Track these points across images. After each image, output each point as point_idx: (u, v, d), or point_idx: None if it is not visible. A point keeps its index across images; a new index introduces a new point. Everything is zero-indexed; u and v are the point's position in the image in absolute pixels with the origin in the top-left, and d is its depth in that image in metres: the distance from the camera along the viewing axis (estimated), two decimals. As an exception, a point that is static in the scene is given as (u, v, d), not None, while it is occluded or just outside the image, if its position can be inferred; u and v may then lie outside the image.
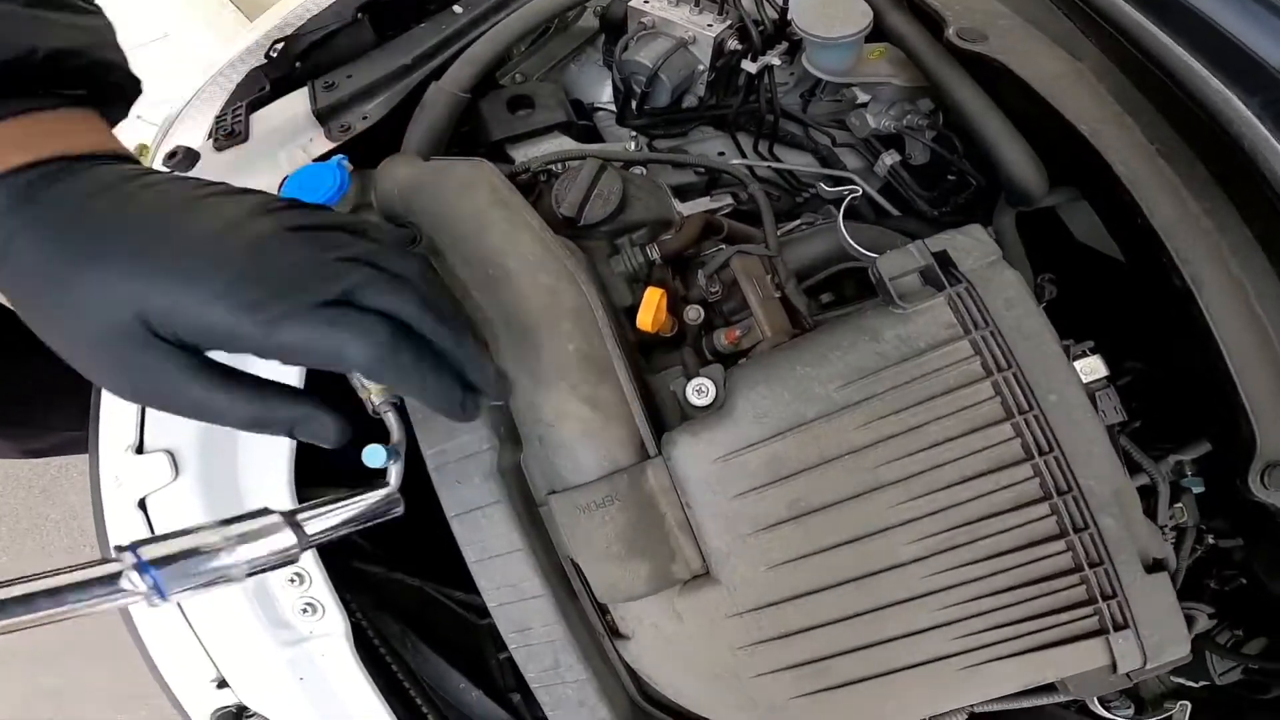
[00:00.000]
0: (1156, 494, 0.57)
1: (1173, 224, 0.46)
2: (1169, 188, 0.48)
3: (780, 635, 0.49)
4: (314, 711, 0.65)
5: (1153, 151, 0.50)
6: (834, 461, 0.45)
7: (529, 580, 0.52)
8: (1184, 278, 0.46)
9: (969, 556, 0.46)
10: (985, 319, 0.43)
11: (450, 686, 0.77)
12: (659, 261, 0.62)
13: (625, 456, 0.49)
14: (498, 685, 0.79)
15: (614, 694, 0.56)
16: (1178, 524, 0.62)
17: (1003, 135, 0.58)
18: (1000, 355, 0.43)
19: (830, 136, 0.84)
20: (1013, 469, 0.44)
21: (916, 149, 0.81)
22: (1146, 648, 0.48)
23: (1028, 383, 0.42)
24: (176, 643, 0.66)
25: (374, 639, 0.72)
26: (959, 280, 0.45)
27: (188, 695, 0.69)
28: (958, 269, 0.45)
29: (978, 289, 0.44)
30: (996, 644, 0.49)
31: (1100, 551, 0.45)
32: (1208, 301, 0.45)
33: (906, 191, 0.81)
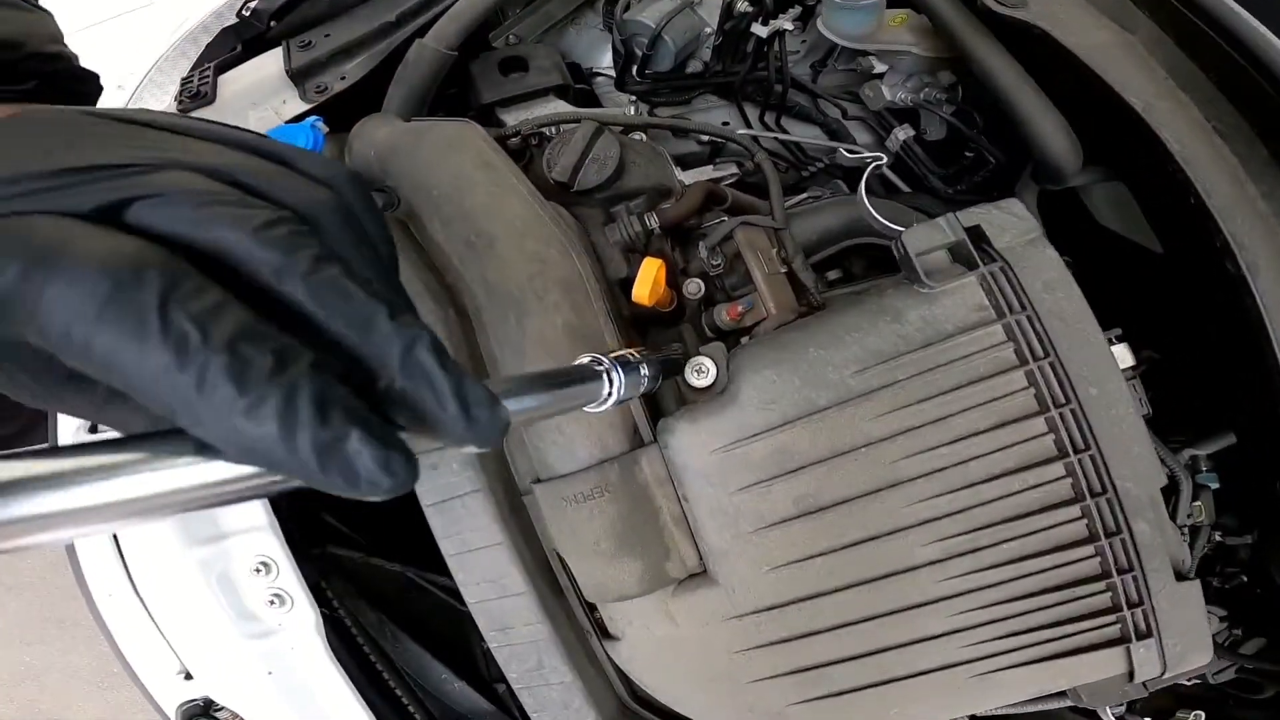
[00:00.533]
0: (1178, 492, 0.53)
1: (1230, 206, 0.41)
2: (1227, 168, 0.43)
3: (781, 640, 0.45)
4: (285, 706, 0.61)
5: (1209, 129, 0.44)
6: (847, 455, 0.41)
7: (510, 576, 0.47)
8: (1239, 264, 0.41)
9: (989, 560, 0.42)
10: (1021, 302, 0.38)
11: (432, 677, 0.73)
12: (657, 231, 0.57)
13: (617, 443, 0.44)
14: (482, 674, 0.75)
15: (601, 696, 0.51)
16: (1194, 523, 0.58)
17: (1038, 108, 0.52)
18: (1036, 342, 0.38)
19: (841, 109, 0.78)
20: (1044, 467, 0.39)
21: (932, 124, 0.75)
22: (1168, 656, 0.44)
23: (1066, 373, 0.38)
24: (141, 634, 0.61)
25: (351, 629, 0.67)
26: (993, 258, 0.40)
27: (156, 686, 0.64)
28: (992, 246, 0.40)
29: (1014, 269, 0.39)
30: (1010, 651, 0.45)
31: (1131, 558, 0.40)
32: (1263, 290, 0.41)
33: (919, 168, 0.76)
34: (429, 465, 0.47)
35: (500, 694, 0.75)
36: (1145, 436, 0.38)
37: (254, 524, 0.54)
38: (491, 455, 0.47)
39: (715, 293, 0.58)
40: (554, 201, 0.56)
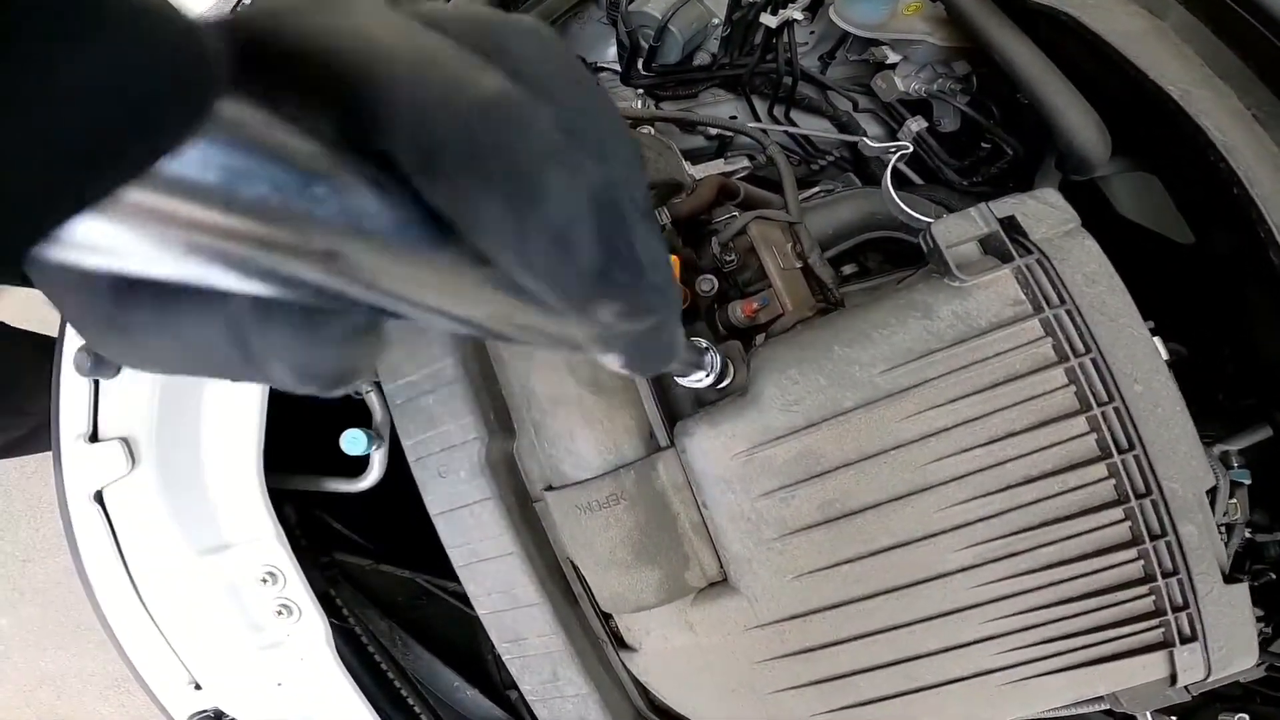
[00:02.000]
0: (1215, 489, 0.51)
1: (1275, 196, 0.38)
2: (1270, 157, 0.40)
3: (805, 649, 0.43)
4: (295, 718, 0.59)
5: (1250, 117, 0.42)
6: (876, 458, 0.38)
7: (523, 586, 0.44)
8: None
9: (1025, 566, 0.39)
10: (1061, 295, 0.36)
11: (443, 685, 0.71)
12: (669, 226, 0.54)
13: (633, 449, 0.42)
14: (494, 681, 0.72)
15: (618, 708, 0.49)
16: (1229, 520, 0.55)
17: (1064, 96, 0.49)
18: (1077, 338, 0.36)
19: (852, 100, 0.76)
20: (1085, 469, 0.36)
21: (946, 115, 0.73)
22: (1213, 660, 0.41)
23: (1109, 370, 0.35)
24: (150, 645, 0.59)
25: (361, 637, 0.65)
26: (1029, 250, 0.37)
27: (167, 696, 0.62)
28: (1027, 238, 0.37)
29: (1052, 261, 0.36)
30: (1046, 659, 0.42)
31: (1177, 560, 0.38)
32: (1314, 278, 0.38)
33: (934, 160, 0.73)
34: (436, 474, 0.45)
35: (513, 701, 0.73)
36: (1193, 435, 0.36)
37: (260, 533, 0.52)
38: (502, 463, 0.45)
39: (729, 289, 0.55)
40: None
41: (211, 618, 0.56)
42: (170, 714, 0.64)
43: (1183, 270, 0.59)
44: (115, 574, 0.57)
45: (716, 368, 0.34)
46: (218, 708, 0.62)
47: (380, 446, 0.58)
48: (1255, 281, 0.42)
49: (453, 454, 0.44)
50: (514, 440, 0.46)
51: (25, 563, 1.49)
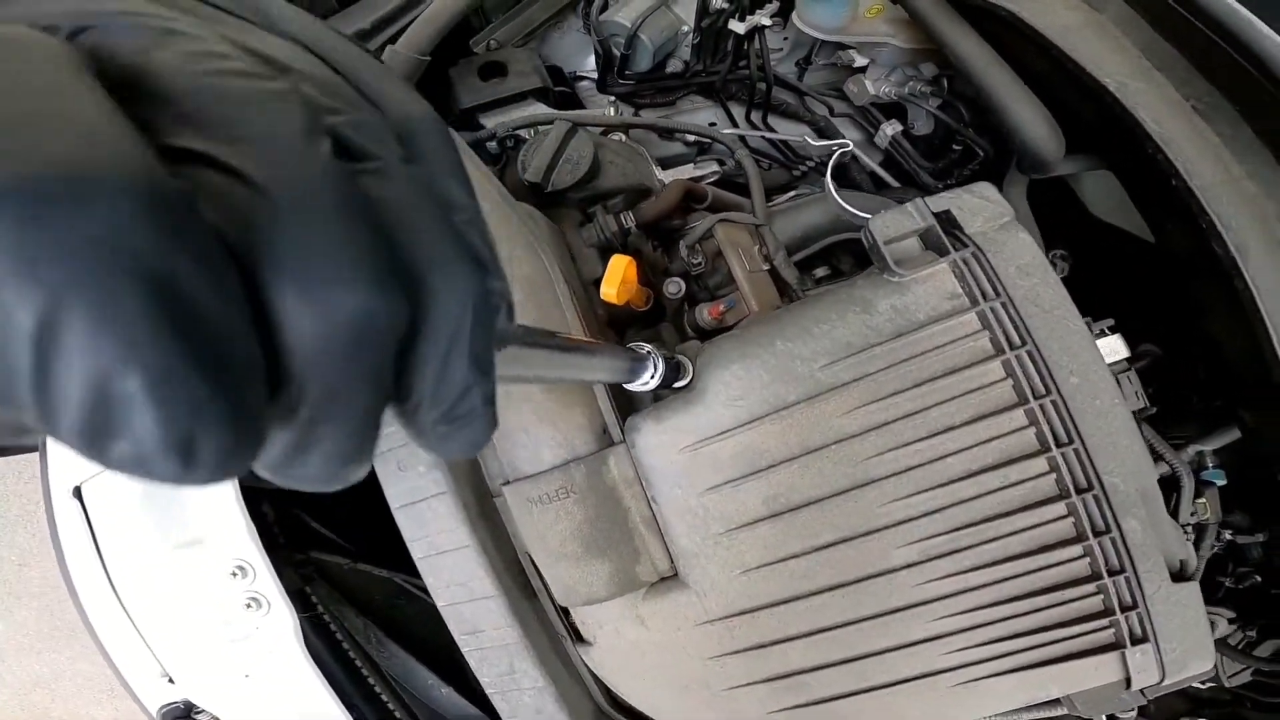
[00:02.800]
0: (1180, 489, 0.50)
1: (1214, 187, 0.39)
2: (1209, 148, 0.40)
3: (755, 646, 0.43)
4: (263, 708, 0.60)
5: (1188, 108, 0.42)
6: (818, 452, 0.38)
7: (479, 579, 0.45)
8: (1226, 245, 0.38)
9: (970, 562, 0.39)
10: (996, 288, 0.36)
11: (419, 683, 0.71)
12: (634, 230, 0.55)
13: (584, 444, 0.43)
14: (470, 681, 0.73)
15: (577, 703, 0.49)
16: (1199, 520, 0.55)
17: (1013, 94, 0.50)
18: (1013, 330, 0.36)
19: (828, 105, 0.77)
20: (1025, 463, 0.37)
21: (920, 118, 0.73)
22: (1166, 663, 0.41)
23: (1045, 362, 0.35)
24: (126, 639, 0.60)
25: (336, 634, 0.66)
26: (965, 244, 0.38)
27: (142, 689, 0.64)
28: (963, 232, 0.38)
29: (987, 254, 0.37)
30: (996, 659, 0.42)
31: (1122, 558, 0.38)
32: (1253, 272, 0.38)
33: (909, 163, 0.74)
34: (395, 468, 0.46)
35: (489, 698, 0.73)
36: (1133, 428, 0.36)
37: (230, 527, 0.54)
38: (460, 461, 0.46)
39: (697, 292, 0.56)
40: (529, 203, 0.55)
41: (183, 611, 0.57)
42: (145, 706, 0.65)
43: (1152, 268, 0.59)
44: (93, 568, 0.59)
45: (659, 370, 0.34)
46: (188, 700, 0.63)
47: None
48: (1205, 276, 0.42)
49: (412, 448, 0.45)
50: (472, 436, 0.47)
51: (20, 567, 1.52)
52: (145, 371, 0.09)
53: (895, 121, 0.74)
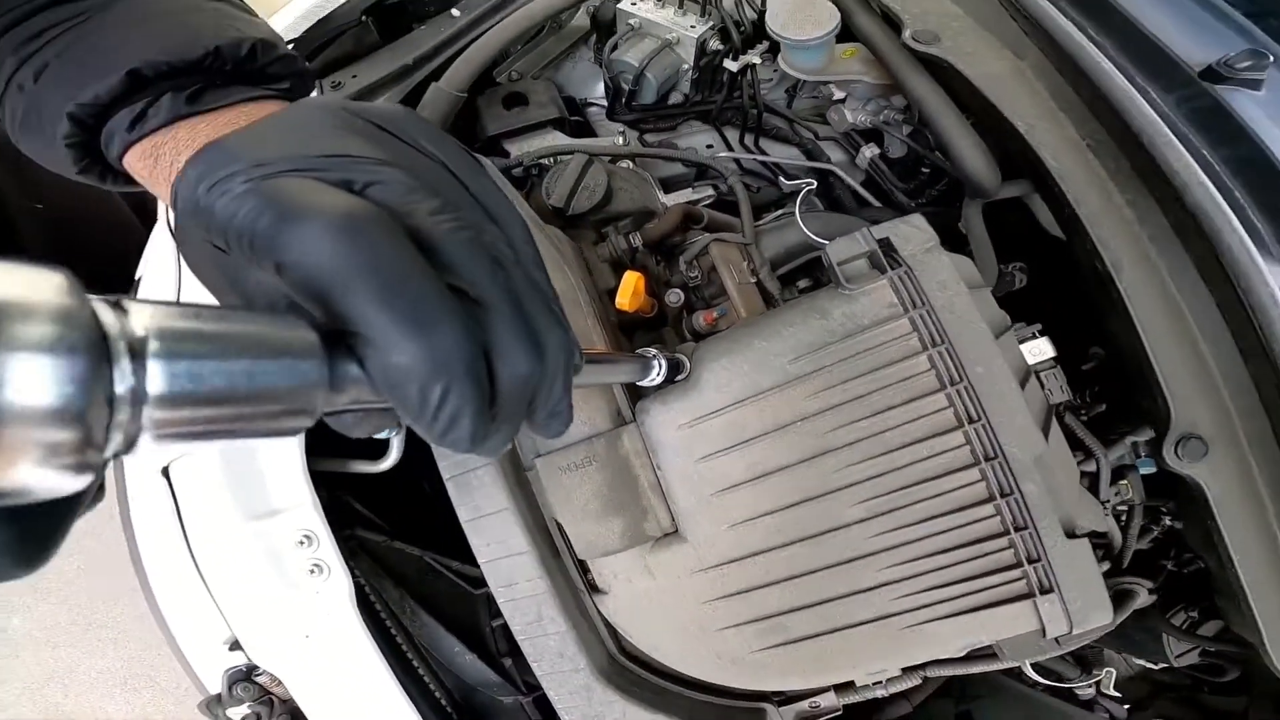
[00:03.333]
0: (1099, 472, 0.64)
1: (1097, 214, 0.53)
2: (1096, 180, 0.54)
3: (741, 590, 0.57)
4: (319, 667, 0.73)
5: (1083, 146, 0.56)
6: (788, 427, 0.53)
7: (515, 537, 0.59)
8: (1104, 262, 0.52)
9: (908, 518, 0.53)
10: (922, 299, 0.50)
11: (445, 650, 0.85)
12: (641, 248, 0.70)
13: (603, 422, 0.57)
14: (491, 650, 0.87)
15: (592, 646, 0.63)
16: (1125, 501, 0.68)
17: (956, 130, 0.65)
18: (935, 332, 0.50)
19: (813, 131, 0.91)
20: (946, 436, 0.51)
21: (894, 143, 0.88)
22: (1071, 613, 0.53)
23: (958, 356, 0.50)
24: (192, 608, 0.74)
25: (374, 603, 0.80)
26: (899, 264, 0.52)
27: (200, 659, 0.77)
28: (899, 254, 0.52)
29: (916, 273, 0.51)
30: (935, 604, 0.55)
31: (1024, 515, 0.51)
32: (1126, 285, 0.52)
33: (885, 183, 0.88)
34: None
35: (507, 668, 0.87)
36: (1024, 408, 0.50)
37: (300, 501, 0.68)
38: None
39: (694, 301, 0.71)
40: (552, 225, 0.70)
41: (254, 577, 0.71)
42: (198, 674, 0.79)
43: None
44: (174, 542, 0.73)
45: (662, 366, 0.46)
46: (251, 663, 0.77)
47: (398, 433, 0.74)
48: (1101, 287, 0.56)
49: (460, 429, 0.59)
50: (509, 420, 0.61)
51: (42, 562, 1.65)
52: (470, 407, 0.22)
53: (873, 145, 0.88)
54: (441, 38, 0.82)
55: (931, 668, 0.66)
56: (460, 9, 0.85)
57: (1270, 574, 0.54)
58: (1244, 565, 0.54)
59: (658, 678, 0.65)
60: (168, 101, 0.38)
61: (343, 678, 0.74)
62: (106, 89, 0.38)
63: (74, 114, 0.38)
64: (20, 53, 0.41)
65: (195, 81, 0.39)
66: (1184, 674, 0.94)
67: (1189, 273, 0.52)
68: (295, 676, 0.75)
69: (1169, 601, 0.83)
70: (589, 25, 0.94)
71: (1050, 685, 0.88)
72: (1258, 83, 0.56)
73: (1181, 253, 0.52)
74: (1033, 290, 0.82)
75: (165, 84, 0.38)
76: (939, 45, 0.65)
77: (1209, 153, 0.52)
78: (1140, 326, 0.52)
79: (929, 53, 0.65)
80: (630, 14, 0.84)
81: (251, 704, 0.76)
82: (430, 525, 0.88)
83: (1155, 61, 0.56)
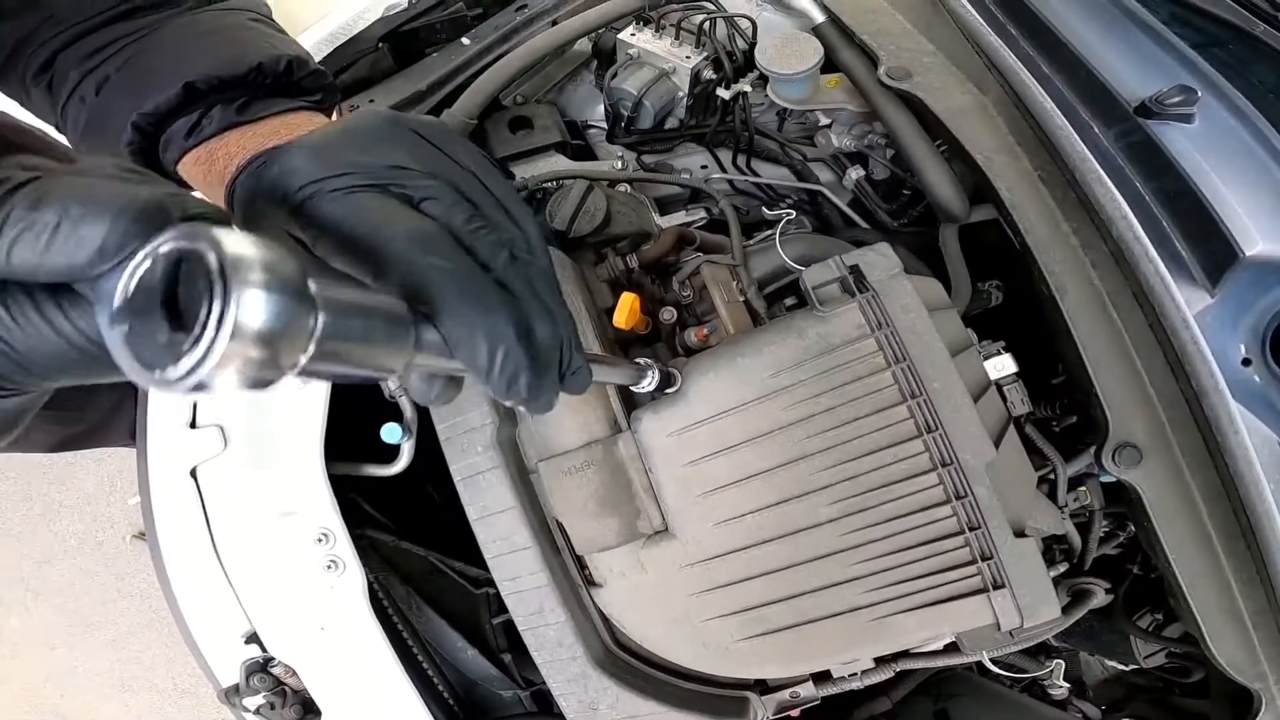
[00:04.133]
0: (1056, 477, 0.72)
1: (1044, 241, 0.62)
2: (1046, 210, 0.63)
3: (725, 584, 0.65)
4: (333, 659, 0.81)
5: (1035, 178, 0.65)
6: (767, 435, 0.61)
7: (519, 533, 0.68)
8: (1050, 286, 0.61)
9: (874, 518, 0.61)
10: (887, 321, 0.59)
11: (449, 645, 0.93)
12: (637, 269, 0.78)
13: (601, 430, 0.65)
14: (491, 646, 0.95)
15: (589, 636, 0.71)
16: (1084, 507, 0.76)
17: (926, 160, 0.73)
18: (897, 350, 0.59)
19: (802, 153, 1.00)
20: (907, 444, 0.59)
21: (878, 165, 0.97)
22: (1022, 607, 0.61)
23: (917, 372, 0.58)
24: (210, 604, 0.82)
25: (383, 599, 0.88)
26: (867, 289, 0.60)
27: (214, 653, 0.85)
28: (867, 280, 0.61)
29: (881, 297, 0.59)
30: (899, 598, 0.62)
31: (977, 516, 0.60)
32: (1069, 307, 0.60)
33: (869, 204, 0.97)
34: (460, 449, 0.69)
35: (506, 664, 0.95)
36: (976, 419, 0.58)
37: (319, 501, 0.76)
38: (507, 441, 0.68)
39: (686, 318, 0.79)
40: (554, 246, 0.78)
41: (274, 571, 0.79)
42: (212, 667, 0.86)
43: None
44: (198, 539, 0.81)
45: (655, 377, 0.54)
46: (267, 655, 0.85)
47: (409, 439, 0.82)
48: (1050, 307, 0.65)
49: (471, 434, 0.68)
50: (516, 427, 0.70)
51: (42, 564, 1.73)
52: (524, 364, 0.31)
53: (859, 167, 0.97)
54: (453, 65, 0.91)
55: (902, 660, 0.74)
56: (471, 38, 0.94)
57: (1204, 570, 0.63)
58: (1179, 562, 0.62)
59: (648, 667, 0.73)
60: (219, 112, 0.46)
61: (354, 669, 0.82)
62: (166, 100, 0.46)
63: (137, 123, 0.47)
64: (82, 67, 0.49)
65: (241, 94, 0.47)
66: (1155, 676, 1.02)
67: (1126, 297, 0.60)
68: (309, 667, 0.82)
69: (1135, 605, 0.91)
70: (590, 51, 1.03)
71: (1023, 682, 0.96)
72: (1189, 116, 0.65)
73: (1120, 278, 0.60)
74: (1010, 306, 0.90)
75: (215, 96, 0.47)
76: (910, 81, 0.73)
77: (1141, 185, 0.61)
78: (1081, 345, 0.60)
79: (901, 88, 0.74)
80: (629, 44, 0.93)
81: (266, 694, 0.84)
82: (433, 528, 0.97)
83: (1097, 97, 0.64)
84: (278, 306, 0.20)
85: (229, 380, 0.20)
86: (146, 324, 0.20)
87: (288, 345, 0.20)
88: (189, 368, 0.19)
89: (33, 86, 0.50)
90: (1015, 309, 0.89)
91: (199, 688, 1.64)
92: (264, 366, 0.20)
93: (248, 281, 0.19)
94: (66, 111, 0.50)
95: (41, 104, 0.50)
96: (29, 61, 0.49)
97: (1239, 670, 0.60)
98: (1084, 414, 0.76)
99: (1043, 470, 0.71)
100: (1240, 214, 0.56)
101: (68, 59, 0.49)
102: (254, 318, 0.19)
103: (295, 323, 0.20)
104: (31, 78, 0.49)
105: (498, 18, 0.94)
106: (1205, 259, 0.58)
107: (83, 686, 1.71)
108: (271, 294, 0.20)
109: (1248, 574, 0.59)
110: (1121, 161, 0.61)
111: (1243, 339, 0.58)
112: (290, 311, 0.20)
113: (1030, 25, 0.72)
